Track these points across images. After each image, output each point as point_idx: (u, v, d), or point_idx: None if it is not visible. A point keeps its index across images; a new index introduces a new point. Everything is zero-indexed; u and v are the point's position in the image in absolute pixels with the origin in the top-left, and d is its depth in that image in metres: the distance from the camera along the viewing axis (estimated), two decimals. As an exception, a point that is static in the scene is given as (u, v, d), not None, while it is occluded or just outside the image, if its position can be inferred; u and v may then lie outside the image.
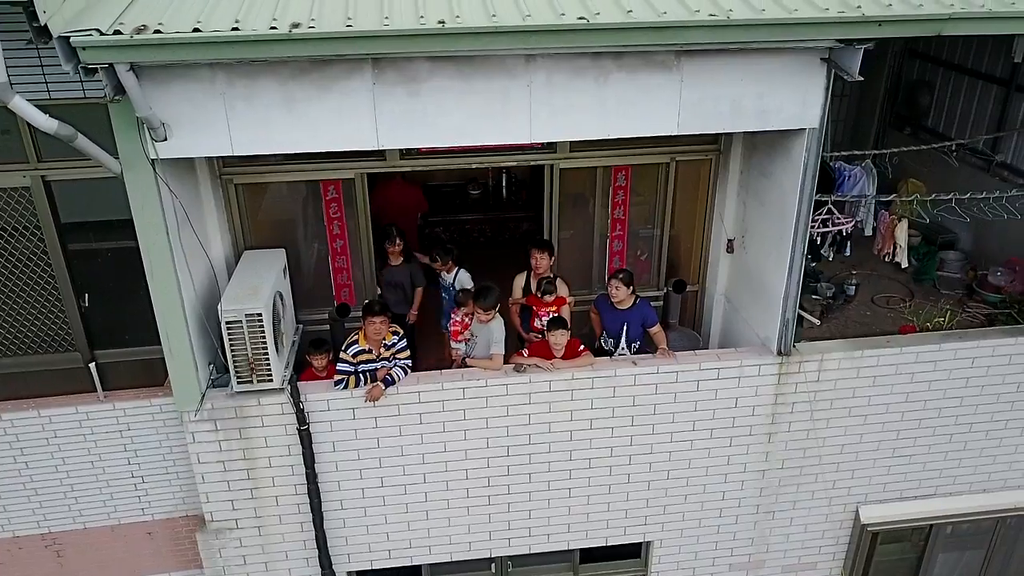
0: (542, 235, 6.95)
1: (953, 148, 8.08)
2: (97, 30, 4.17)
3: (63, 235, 5.90)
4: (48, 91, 5.43)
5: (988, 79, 8.27)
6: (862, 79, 5.01)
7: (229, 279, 6.03)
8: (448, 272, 7.14)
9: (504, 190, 10.55)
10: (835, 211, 7.20)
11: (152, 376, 6.24)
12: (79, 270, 6.04)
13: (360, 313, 6.13)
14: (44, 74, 5.39)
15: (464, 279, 7.07)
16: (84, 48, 4.15)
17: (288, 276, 6.36)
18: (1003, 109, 8.09)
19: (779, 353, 6.20)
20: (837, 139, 10.04)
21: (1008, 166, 8.05)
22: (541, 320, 6.43)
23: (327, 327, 6.82)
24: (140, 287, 5.38)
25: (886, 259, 7.88)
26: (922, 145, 8.39)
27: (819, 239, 7.60)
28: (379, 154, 6.28)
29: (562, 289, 6.59)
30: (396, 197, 8.65)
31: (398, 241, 7.03)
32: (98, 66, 4.29)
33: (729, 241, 6.89)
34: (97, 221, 5.94)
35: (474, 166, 6.62)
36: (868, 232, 8.28)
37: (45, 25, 4.09)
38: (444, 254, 7.17)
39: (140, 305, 5.48)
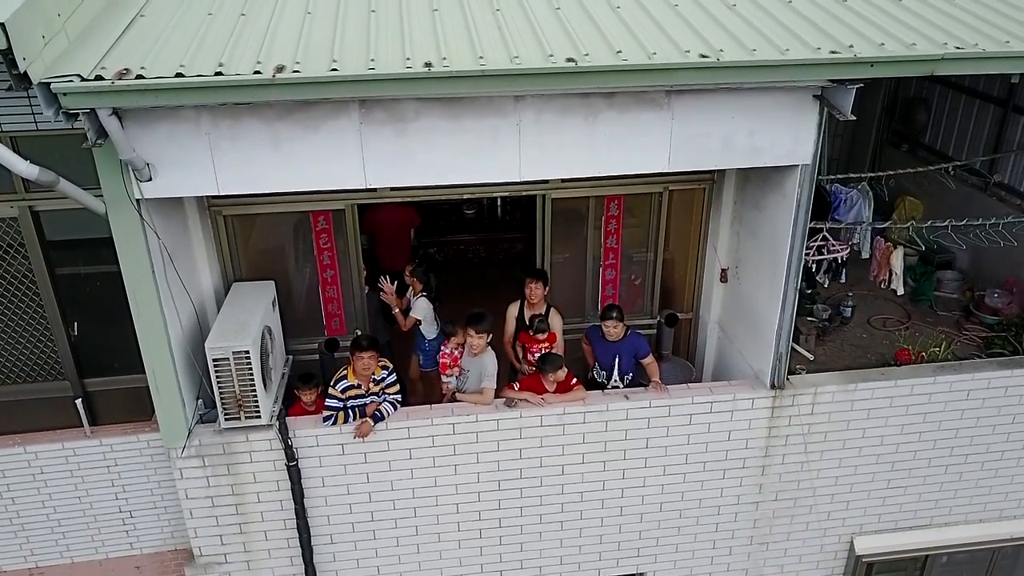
0: (535, 261, 6.90)
1: (951, 170, 8.03)
2: (78, 75, 4.10)
3: (51, 263, 5.87)
4: (35, 122, 5.40)
5: (985, 98, 8.22)
6: (855, 118, 4.96)
7: (218, 311, 5.98)
8: (414, 294, 6.97)
9: (499, 210, 10.50)
10: (830, 238, 7.16)
11: (143, 404, 6.11)
12: (68, 298, 6.00)
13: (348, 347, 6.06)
14: (31, 105, 5.35)
15: (418, 307, 6.84)
16: (65, 94, 4.09)
17: (277, 308, 6.30)
18: (1000, 129, 8.04)
19: (772, 386, 6.15)
20: (834, 155, 10.02)
21: (1005, 186, 8.00)
22: (533, 355, 6.37)
23: (316, 357, 6.77)
24: (129, 313, 5.32)
25: (882, 286, 7.82)
26: (919, 162, 8.36)
27: (814, 266, 7.55)
28: (369, 185, 6.24)
29: (555, 320, 6.54)
30: (389, 216, 8.58)
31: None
32: (80, 111, 4.24)
33: (723, 270, 6.83)
34: (86, 250, 5.88)
35: (465, 196, 6.56)
36: (865, 255, 8.23)
37: (25, 71, 4.04)
38: (417, 268, 6.97)
39: (129, 332, 5.42)
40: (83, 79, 4.10)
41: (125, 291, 5.23)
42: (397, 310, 6.85)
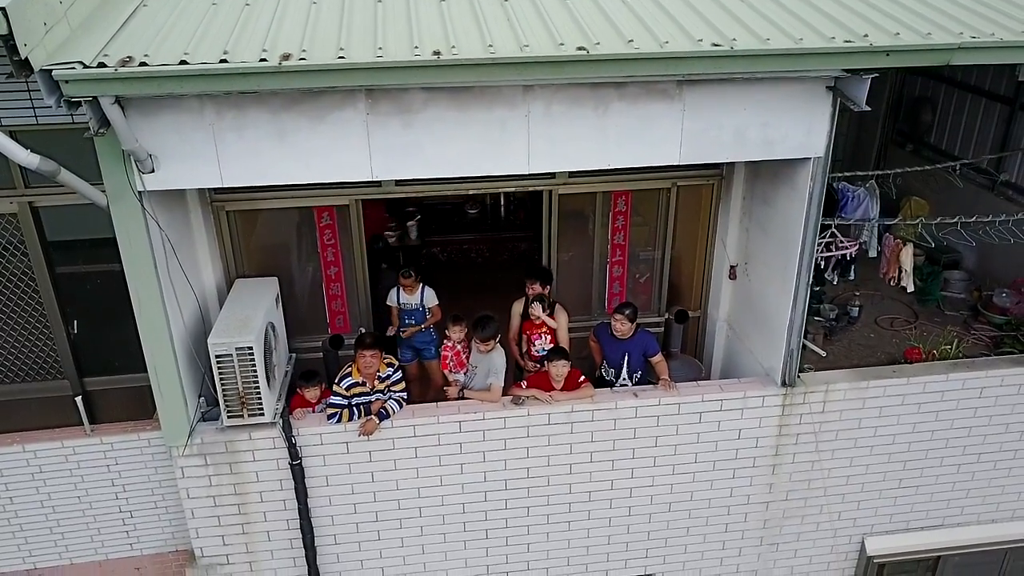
0: (541, 258, 6.80)
1: (957, 168, 7.97)
2: (81, 63, 4.03)
3: (51, 260, 5.80)
4: (35, 116, 5.33)
5: (991, 97, 8.16)
6: (869, 109, 4.89)
7: (220, 308, 5.89)
8: (410, 292, 6.81)
9: (502, 209, 10.42)
10: (839, 235, 7.08)
11: (143, 403, 6.04)
12: (67, 295, 5.93)
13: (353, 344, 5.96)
14: (31, 98, 5.28)
15: (432, 296, 6.79)
16: (67, 81, 4.01)
17: (281, 305, 6.21)
18: (1007, 128, 7.98)
19: (783, 384, 6.06)
20: (838, 155, 9.93)
21: (1012, 185, 7.94)
22: (534, 344, 6.27)
23: (320, 355, 6.67)
24: (129, 312, 5.23)
25: (891, 283, 7.75)
26: (924, 162, 8.27)
27: (823, 263, 7.47)
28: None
29: (561, 317, 6.44)
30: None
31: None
32: (82, 99, 4.15)
33: (731, 267, 6.76)
34: (86, 246, 5.83)
35: (471, 192, 6.48)
36: (873, 254, 8.15)
37: (26, 58, 3.96)
38: (408, 270, 6.86)
39: (129, 331, 5.34)
40: (86, 66, 4.02)
41: (125, 289, 5.14)
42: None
